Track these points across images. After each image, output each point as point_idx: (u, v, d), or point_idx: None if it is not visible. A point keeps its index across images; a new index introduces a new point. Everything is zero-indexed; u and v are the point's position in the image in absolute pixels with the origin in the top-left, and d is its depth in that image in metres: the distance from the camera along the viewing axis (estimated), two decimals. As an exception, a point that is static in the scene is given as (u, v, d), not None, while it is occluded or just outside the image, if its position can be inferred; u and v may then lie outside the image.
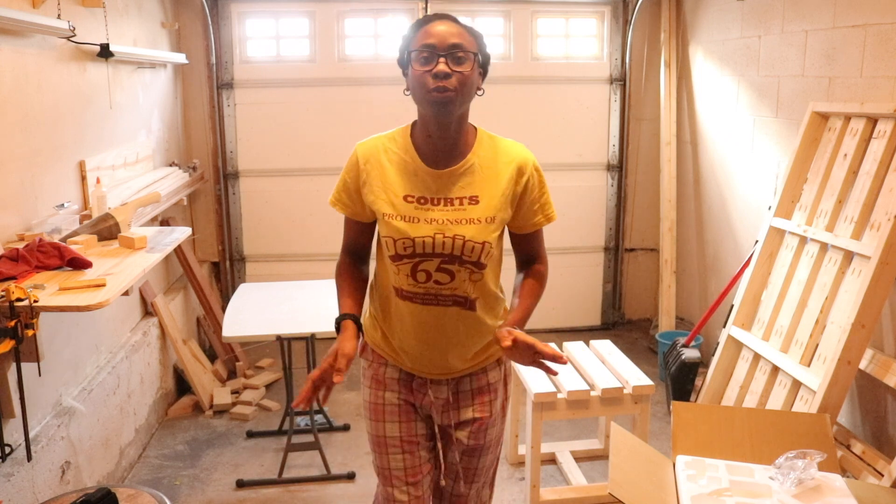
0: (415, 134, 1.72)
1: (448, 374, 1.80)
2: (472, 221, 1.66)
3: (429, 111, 1.64)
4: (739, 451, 2.15)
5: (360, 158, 1.73)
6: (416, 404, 1.84)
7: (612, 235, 4.98)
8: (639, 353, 4.54)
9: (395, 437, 1.82)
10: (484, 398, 1.84)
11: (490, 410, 1.85)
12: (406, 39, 1.67)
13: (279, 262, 4.77)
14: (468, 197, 1.67)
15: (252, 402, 3.83)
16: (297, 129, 4.62)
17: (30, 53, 2.59)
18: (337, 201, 1.78)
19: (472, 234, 1.65)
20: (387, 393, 1.83)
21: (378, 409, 1.84)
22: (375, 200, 1.70)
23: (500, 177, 1.70)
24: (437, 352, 1.76)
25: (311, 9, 4.54)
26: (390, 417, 1.82)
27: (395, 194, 1.68)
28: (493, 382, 1.86)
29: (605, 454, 3.27)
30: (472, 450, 1.87)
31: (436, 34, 1.60)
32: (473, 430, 1.84)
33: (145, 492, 2.10)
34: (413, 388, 1.83)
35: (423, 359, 1.77)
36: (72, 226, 2.69)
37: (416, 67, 1.61)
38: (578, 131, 4.79)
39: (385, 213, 1.68)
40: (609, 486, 1.90)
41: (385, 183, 1.69)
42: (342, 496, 3.07)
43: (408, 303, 1.72)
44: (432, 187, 1.68)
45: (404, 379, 1.83)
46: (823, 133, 3.11)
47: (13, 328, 1.97)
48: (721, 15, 4.05)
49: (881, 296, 2.57)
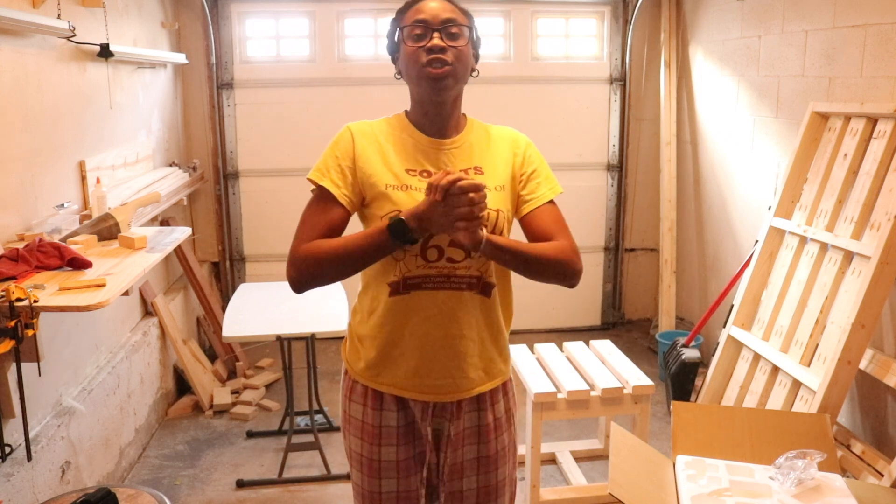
0: (409, 116, 1.64)
1: (457, 391, 1.59)
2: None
3: (425, 88, 1.53)
4: (739, 451, 2.15)
5: (354, 134, 1.58)
6: (415, 452, 1.63)
7: (612, 235, 4.98)
8: (639, 353, 4.54)
9: (391, 492, 1.62)
10: (490, 436, 1.65)
11: (498, 447, 1.67)
12: (395, 21, 1.60)
13: (279, 262, 4.76)
14: (472, 167, 1.57)
15: (252, 402, 3.83)
16: (297, 130, 4.62)
17: (30, 53, 2.59)
18: (323, 177, 1.54)
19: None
20: (383, 448, 1.60)
21: (373, 466, 1.62)
22: (373, 174, 1.53)
23: (498, 150, 1.62)
24: (449, 352, 1.55)
25: (311, 9, 4.54)
26: (387, 474, 1.61)
27: (398, 168, 1.55)
28: (499, 417, 1.67)
29: (605, 454, 3.27)
30: (487, 491, 1.67)
31: (428, 10, 1.53)
32: (483, 472, 1.66)
33: (145, 492, 2.10)
34: (414, 435, 1.62)
35: (431, 367, 1.56)
36: (72, 226, 2.69)
37: (408, 44, 1.53)
38: (578, 131, 4.79)
39: (388, 184, 1.52)
40: (609, 486, 1.90)
41: (385, 158, 1.56)
42: (342, 496, 3.07)
43: (415, 293, 1.52)
44: (434, 159, 1.57)
45: (403, 425, 1.61)
46: (823, 133, 3.11)
47: (13, 328, 1.97)
48: (721, 15, 4.05)
49: (881, 296, 2.57)
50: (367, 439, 1.62)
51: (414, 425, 1.63)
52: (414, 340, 1.56)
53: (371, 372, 1.61)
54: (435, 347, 1.56)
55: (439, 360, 1.56)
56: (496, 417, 1.66)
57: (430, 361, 1.56)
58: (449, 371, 1.57)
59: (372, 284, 1.59)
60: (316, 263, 1.48)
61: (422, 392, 1.59)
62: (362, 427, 1.63)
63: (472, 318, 1.56)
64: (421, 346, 1.56)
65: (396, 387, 1.59)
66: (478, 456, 1.65)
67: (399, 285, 1.53)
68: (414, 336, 1.55)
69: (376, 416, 1.61)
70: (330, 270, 1.49)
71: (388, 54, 1.64)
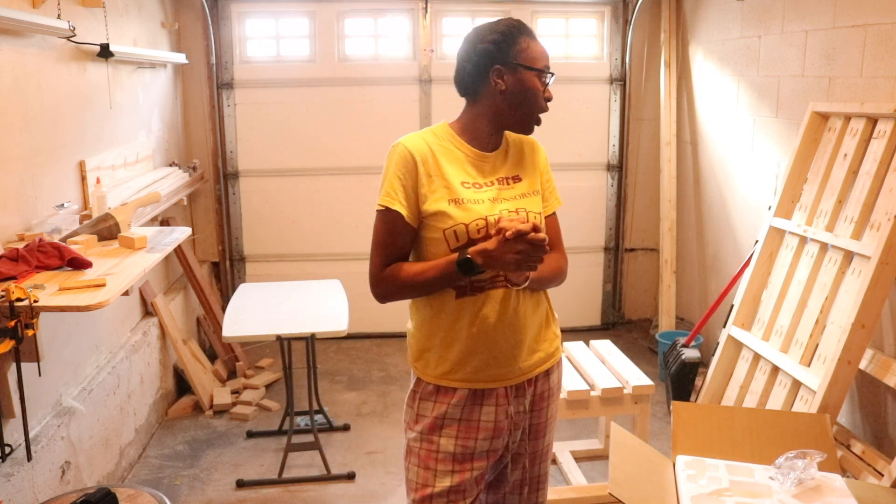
0: (455, 128, 1.74)
1: (520, 373, 1.72)
2: (524, 196, 1.72)
3: (525, 123, 1.72)
4: (739, 451, 2.15)
5: (414, 154, 1.66)
6: (476, 443, 1.72)
7: (612, 235, 4.98)
8: (639, 353, 4.54)
9: (444, 489, 1.71)
10: (543, 404, 1.80)
11: (548, 413, 1.83)
12: (508, 42, 1.66)
13: (279, 262, 4.77)
14: (512, 177, 1.74)
15: (252, 402, 3.83)
16: (297, 129, 4.63)
17: (30, 53, 2.59)
18: (394, 201, 1.65)
19: (531, 206, 1.72)
20: (442, 439, 1.71)
21: (430, 457, 1.72)
22: (433, 191, 1.64)
23: (526, 157, 1.79)
24: (511, 341, 1.69)
25: (311, 9, 4.54)
26: (443, 467, 1.71)
27: (454, 182, 1.67)
28: (553, 386, 1.83)
29: (605, 454, 3.27)
30: (533, 456, 1.83)
31: (544, 57, 1.70)
32: (533, 438, 1.81)
33: (145, 492, 2.10)
34: (479, 426, 1.71)
35: (496, 356, 1.68)
36: (72, 226, 2.69)
37: (535, 83, 1.68)
38: (578, 131, 4.79)
39: (449, 200, 1.64)
40: (609, 486, 1.90)
41: (443, 173, 1.67)
42: (342, 496, 3.07)
43: (476, 296, 1.66)
44: (482, 171, 1.71)
45: (466, 417, 1.70)
46: (823, 133, 3.11)
47: (13, 328, 1.97)
48: (721, 15, 4.05)
49: (881, 296, 2.57)
50: (427, 432, 1.72)
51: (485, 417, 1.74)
52: (480, 339, 1.68)
53: (442, 370, 1.72)
54: (499, 339, 1.69)
55: (504, 352, 1.70)
56: (550, 387, 1.82)
57: (495, 353, 1.69)
58: (511, 359, 1.71)
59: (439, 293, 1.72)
60: (396, 288, 1.69)
61: (493, 381, 1.71)
62: (434, 419, 1.72)
63: (526, 304, 1.72)
64: (487, 341, 1.68)
65: (468, 381, 1.70)
66: (530, 424, 1.80)
67: (466, 288, 1.67)
68: (479, 336, 1.68)
69: (441, 409, 1.71)
70: (409, 294, 1.72)
71: (491, 60, 1.67)
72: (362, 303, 4.10)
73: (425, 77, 4.62)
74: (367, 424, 3.68)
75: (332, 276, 3.84)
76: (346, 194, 4.70)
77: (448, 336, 1.69)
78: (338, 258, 4.71)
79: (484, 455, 1.73)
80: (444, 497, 1.70)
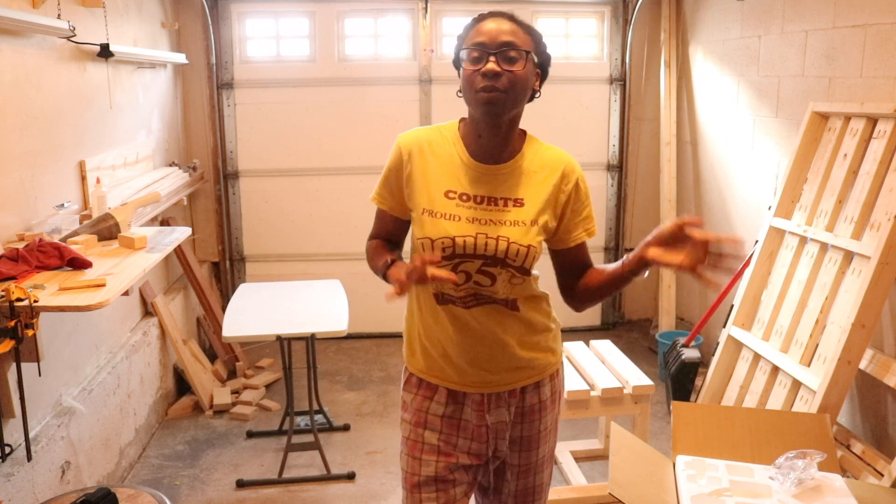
0: (463, 130, 1.66)
1: (495, 384, 1.68)
2: (515, 223, 1.58)
3: (478, 112, 1.56)
4: (739, 451, 2.15)
5: (402, 150, 1.64)
6: (458, 441, 1.71)
7: (612, 235, 4.98)
8: (639, 353, 4.54)
9: (429, 476, 1.70)
10: (534, 416, 1.74)
11: (542, 426, 1.76)
12: (460, 38, 1.61)
13: (279, 262, 4.77)
14: (513, 199, 1.60)
15: (252, 402, 3.83)
16: (296, 129, 4.62)
17: (30, 53, 2.59)
18: (377, 196, 1.71)
19: (516, 237, 1.57)
20: (426, 432, 1.71)
21: (416, 447, 1.72)
22: (414, 194, 1.62)
23: (545, 182, 1.63)
24: (487, 352, 1.65)
25: (311, 9, 4.54)
26: (427, 457, 1.70)
27: (436, 189, 1.60)
28: (545, 399, 1.76)
29: (605, 454, 3.27)
30: (528, 467, 1.78)
31: (487, 32, 1.53)
32: (524, 450, 1.76)
33: (145, 492, 2.10)
34: (460, 424, 1.71)
35: (474, 364, 1.66)
36: (72, 226, 2.69)
37: (466, 66, 1.55)
38: (578, 131, 4.79)
39: (423, 209, 1.59)
40: (609, 486, 1.90)
41: (426, 177, 1.61)
42: (342, 496, 3.07)
43: (450, 307, 1.63)
44: (477, 184, 1.60)
45: (449, 414, 1.70)
46: (823, 133, 3.11)
47: (13, 328, 1.97)
48: (721, 15, 4.05)
49: (881, 296, 2.57)
50: (414, 423, 1.73)
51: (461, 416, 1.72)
52: (456, 347, 1.66)
53: (424, 364, 1.72)
54: (476, 349, 1.66)
55: (481, 359, 1.67)
56: (541, 400, 1.75)
57: (472, 362, 1.67)
58: (489, 370, 1.68)
59: (420, 288, 1.69)
60: (368, 260, 1.74)
61: (473, 386, 1.69)
62: (416, 411, 1.73)
63: (504, 322, 1.65)
64: (463, 351, 1.66)
65: (446, 381, 1.70)
66: (521, 435, 1.74)
67: (438, 297, 1.65)
68: (455, 343, 1.66)
69: (425, 403, 1.72)
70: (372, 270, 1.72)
71: (454, 67, 1.64)
72: (362, 303, 4.12)
73: (425, 77, 4.62)
74: (367, 424, 3.68)
75: (332, 276, 3.84)
76: (346, 194, 4.70)
77: (428, 334, 1.69)
78: (338, 258, 4.71)
79: (466, 454, 1.71)
80: (433, 485, 1.70)
